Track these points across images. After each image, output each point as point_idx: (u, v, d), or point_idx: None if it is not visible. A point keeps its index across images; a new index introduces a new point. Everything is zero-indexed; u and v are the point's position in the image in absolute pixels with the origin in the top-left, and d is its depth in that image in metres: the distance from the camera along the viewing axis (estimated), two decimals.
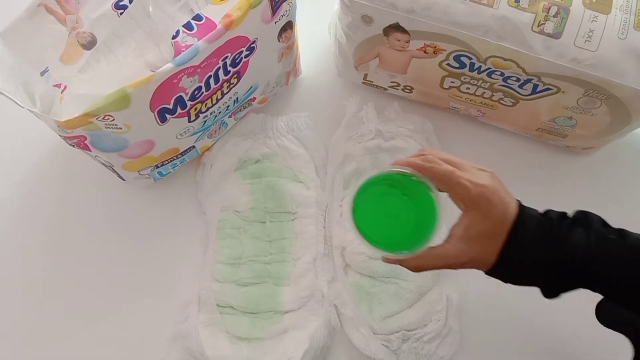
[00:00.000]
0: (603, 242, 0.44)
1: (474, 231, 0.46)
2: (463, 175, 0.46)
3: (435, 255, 0.47)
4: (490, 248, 0.45)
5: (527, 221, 0.45)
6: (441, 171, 0.47)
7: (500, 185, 0.47)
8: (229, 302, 0.68)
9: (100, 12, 0.59)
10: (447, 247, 0.47)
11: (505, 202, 0.45)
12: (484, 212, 0.45)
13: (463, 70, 0.67)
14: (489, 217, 0.45)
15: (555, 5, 0.60)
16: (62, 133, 0.56)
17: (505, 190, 0.47)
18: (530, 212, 0.46)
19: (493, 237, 0.45)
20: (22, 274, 0.71)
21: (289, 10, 0.64)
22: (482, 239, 0.46)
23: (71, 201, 0.75)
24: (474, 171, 0.47)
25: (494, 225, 0.45)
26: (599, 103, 0.64)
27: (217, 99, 0.65)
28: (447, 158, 0.49)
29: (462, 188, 0.46)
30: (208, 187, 0.73)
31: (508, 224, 0.45)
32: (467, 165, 0.48)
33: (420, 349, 0.66)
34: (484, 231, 0.45)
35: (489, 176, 0.47)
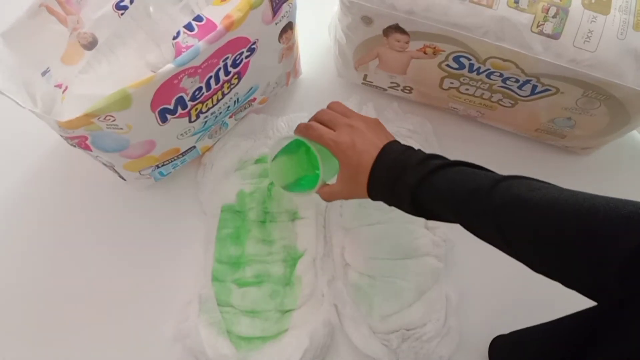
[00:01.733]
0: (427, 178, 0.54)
1: (342, 176, 0.60)
2: (329, 137, 0.60)
3: (330, 190, 0.62)
4: (358, 187, 0.58)
5: (380, 164, 0.57)
6: (315, 135, 0.61)
7: (361, 137, 0.59)
8: (229, 301, 0.68)
9: (101, 12, 0.59)
10: (333, 187, 0.62)
11: (359, 152, 0.58)
12: (343, 162, 0.59)
13: (462, 71, 0.67)
14: (348, 165, 0.59)
15: (555, 6, 0.60)
16: (63, 133, 0.56)
17: (365, 140, 0.58)
18: (387, 155, 0.57)
19: (356, 179, 0.58)
20: (21, 274, 0.71)
21: (289, 11, 0.65)
22: (349, 181, 0.59)
23: (72, 201, 0.75)
24: (343, 129, 0.60)
25: (353, 170, 0.58)
26: (598, 104, 0.64)
27: (218, 99, 0.65)
28: (327, 119, 0.62)
29: (329, 146, 0.60)
30: (208, 187, 0.73)
31: (365, 168, 0.57)
32: (340, 123, 0.61)
33: (419, 348, 0.66)
34: (347, 176, 0.59)
35: (349, 132, 0.59)
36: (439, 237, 0.71)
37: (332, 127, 0.61)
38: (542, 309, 0.71)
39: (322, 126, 0.61)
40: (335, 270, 0.70)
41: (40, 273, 0.71)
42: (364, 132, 0.59)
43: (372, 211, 0.72)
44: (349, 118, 0.62)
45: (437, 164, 0.54)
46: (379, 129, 0.61)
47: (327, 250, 0.71)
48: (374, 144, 0.58)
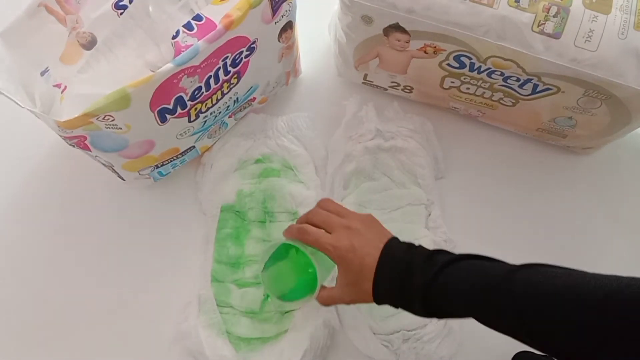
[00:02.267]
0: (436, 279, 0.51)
1: (344, 281, 0.56)
2: (327, 241, 0.56)
3: (330, 295, 0.58)
4: (362, 291, 0.54)
5: (384, 267, 0.53)
6: (310, 240, 0.57)
7: (360, 239, 0.55)
8: (228, 302, 0.68)
9: (101, 12, 0.59)
10: (333, 291, 0.58)
11: (360, 256, 0.54)
12: (344, 268, 0.55)
13: (463, 70, 0.67)
14: (349, 271, 0.55)
15: (555, 5, 0.60)
16: (62, 133, 0.56)
17: (365, 242, 0.55)
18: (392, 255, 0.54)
19: (359, 284, 0.54)
20: (21, 274, 0.71)
21: (289, 10, 0.64)
22: (351, 286, 0.55)
23: (71, 201, 0.75)
24: (339, 231, 0.56)
25: (355, 275, 0.54)
26: (599, 103, 0.64)
27: (217, 99, 0.65)
28: (320, 220, 0.58)
29: (327, 252, 0.56)
30: (208, 187, 0.73)
31: (369, 273, 0.53)
32: (335, 225, 0.57)
33: (420, 349, 0.66)
34: (350, 281, 0.55)
35: (348, 235, 0.56)
36: (440, 238, 0.71)
37: (326, 229, 0.58)
38: None
39: (316, 229, 0.57)
40: (336, 271, 0.70)
41: (39, 273, 0.71)
42: (362, 232, 0.56)
43: (372, 211, 0.72)
44: (344, 218, 0.58)
45: (444, 261, 0.51)
46: (374, 225, 0.58)
47: None
48: (374, 245, 0.55)
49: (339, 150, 0.75)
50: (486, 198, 0.76)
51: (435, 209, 0.73)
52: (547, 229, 0.75)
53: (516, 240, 0.75)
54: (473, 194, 0.76)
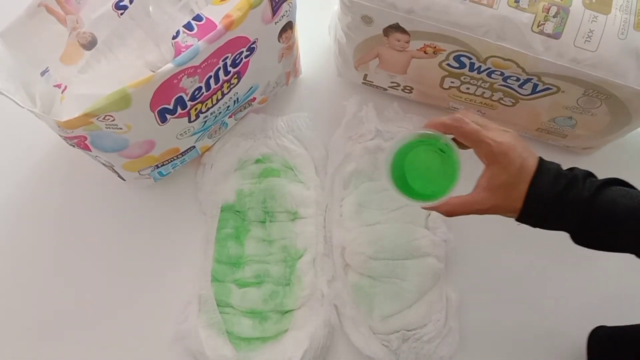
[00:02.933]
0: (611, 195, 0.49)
1: (496, 182, 0.52)
2: (487, 134, 0.52)
3: (463, 201, 0.54)
4: (513, 196, 0.51)
5: (545, 172, 0.51)
6: (467, 130, 0.52)
7: (520, 143, 0.52)
8: (228, 302, 0.68)
9: (101, 12, 0.59)
10: (473, 195, 0.53)
11: (523, 157, 0.51)
12: (503, 165, 0.51)
13: (463, 70, 0.67)
14: (508, 169, 0.51)
15: (555, 6, 0.60)
16: (63, 133, 0.56)
17: (525, 147, 0.52)
18: (549, 165, 0.52)
19: (513, 186, 0.51)
20: (21, 274, 0.71)
21: (289, 10, 0.64)
22: (503, 188, 0.52)
23: (71, 201, 0.75)
24: (497, 131, 0.53)
25: (512, 176, 0.51)
26: (599, 103, 0.64)
27: (218, 99, 0.65)
28: (474, 118, 0.54)
29: (485, 145, 0.52)
30: (208, 187, 0.73)
31: (527, 175, 0.51)
32: (491, 126, 0.54)
33: (420, 348, 0.66)
34: (504, 181, 0.51)
35: (510, 135, 0.53)
36: (440, 238, 0.71)
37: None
38: (543, 309, 0.71)
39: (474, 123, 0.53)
40: (335, 271, 0.70)
41: (39, 273, 0.71)
42: (519, 139, 0.53)
43: (372, 211, 0.72)
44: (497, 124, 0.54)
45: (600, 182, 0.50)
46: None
47: (327, 250, 0.71)
48: (531, 152, 0.52)
49: (339, 150, 0.75)
50: None
51: None
52: None
53: (516, 240, 0.74)
54: None
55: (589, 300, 0.71)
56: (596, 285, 0.72)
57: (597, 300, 0.70)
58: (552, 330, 0.70)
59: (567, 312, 0.70)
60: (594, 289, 0.72)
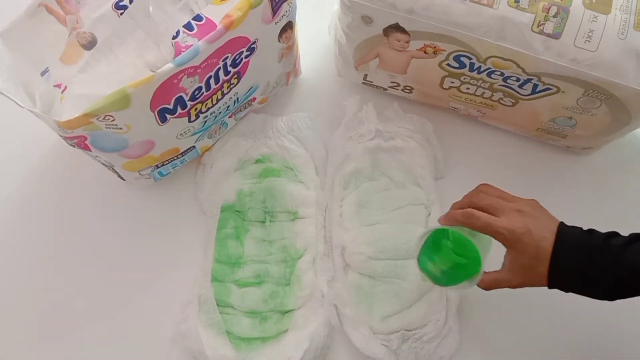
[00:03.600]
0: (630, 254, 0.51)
1: (516, 265, 0.55)
2: (499, 224, 0.54)
3: (494, 278, 0.57)
4: (536, 276, 0.54)
5: (562, 250, 0.53)
6: (479, 225, 0.55)
7: (535, 223, 0.54)
8: (229, 302, 0.68)
9: (101, 12, 0.59)
10: (500, 274, 0.57)
11: (537, 239, 0.53)
12: (519, 251, 0.54)
13: (463, 71, 0.67)
14: (524, 254, 0.54)
15: (555, 6, 0.60)
16: (63, 133, 0.56)
17: (540, 226, 0.54)
18: (567, 239, 0.53)
19: (533, 268, 0.54)
20: (21, 274, 0.71)
21: (289, 10, 0.64)
22: (523, 270, 0.55)
23: (71, 201, 0.75)
24: (511, 214, 0.55)
25: (531, 259, 0.54)
26: (599, 103, 0.64)
27: (218, 99, 0.65)
28: (487, 204, 0.56)
29: (499, 235, 0.54)
30: (208, 187, 0.73)
31: (544, 257, 0.53)
32: (506, 207, 0.56)
33: (420, 348, 0.66)
34: (523, 265, 0.54)
35: (523, 218, 0.54)
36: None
37: (494, 214, 0.56)
38: (543, 310, 0.71)
39: (485, 214, 0.55)
40: (335, 271, 0.70)
41: (39, 273, 0.71)
42: (534, 216, 0.55)
43: (372, 211, 0.72)
44: (513, 202, 0.56)
45: (622, 241, 0.52)
46: (543, 210, 0.57)
47: (327, 250, 0.71)
48: (549, 228, 0.54)
49: (339, 151, 0.75)
50: None
51: (435, 209, 0.73)
52: None
53: None
54: None
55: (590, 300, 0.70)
56: None
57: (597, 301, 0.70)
58: (552, 330, 0.70)
59: (568, 312, 0.70)
60: None
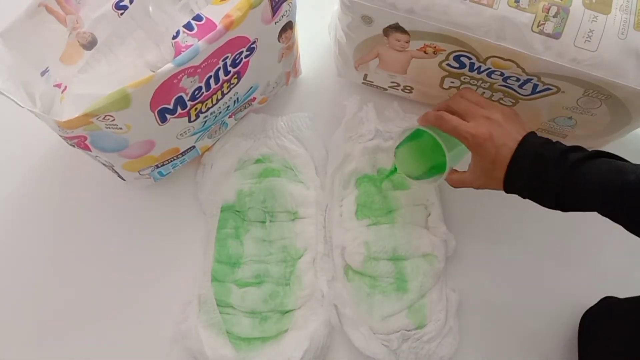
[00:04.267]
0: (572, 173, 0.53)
1: (477, 168, 0.59)
2: (464, 128, 0.58)
3: (459, 178, 0.62)
4: (494, 179, 0.58)
5: (521, 157, 0.55)
6: (447, 128, 0.59)
7: (499, 129, 0.57)
8: (229, 302, 0.68)
9: (101, 12, 0.59)
10: (465, 174, 0.61)
11: (497, 145, 0.56)
12: (480, 155, 0.58)
13: (463, 71, 0.67)
14: (484, 158, 0.57)
15: (555, 6, 0.60)
16: (63, 133, 0.56)
17: (503, 133, 0.57)
18: (528, 148, 0.56)
19: (492, 172, 0.57)
20: (21, 274, 0.71)
21: (289, 10, 0.64)
22: (483, 173, 0.59)
23: (71, 201, 0.75)
24: (479, 119, 0.58)
25: (489, 163, 0.57)
26: (599, 103, 0.64)
27: (218, 99, 0.65)
28: (461, 108, 0.60)
29: (464, 139, 0.58)
30: (208, 187, 0.73)
31: (502, 162, 0.56)
32: (475, 114, 0.59)
33: (420, 348, 0.66)
34: (483, 168, 0.58)
35: (488, 124, 0.58)
36: (440, 238, 0.71)
37: (465, 118, 0.59)
38: (543, 309, 0.71)
39: (455, 117, 0.59)
40: (335, 271, 0.70)
41: (39, 273, 0.71)
42: (501, 124, 0.58)
43: (372, 211, 0.72)
44: (485, 109, 0.60)
45: (579, 157, 0.53)
46: (516, 119, 0.60)
47: (327, 250, 0.71)
48: (512, 136, 0.57)
49: (338, 151, 0.75)
50: (486, 198, 0.76)
51: (435, 209, 0.73)
52: (546, 228, 0.75)
53: (516, 240, 0.75)
54: (473, 194, 0.76)
55: (590, 300, 0.70)
56: (597, 286, 0.72)
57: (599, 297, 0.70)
58: (553, 330, 0.70)
59: (568, 313, 0.70)
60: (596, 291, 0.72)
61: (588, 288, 0.72)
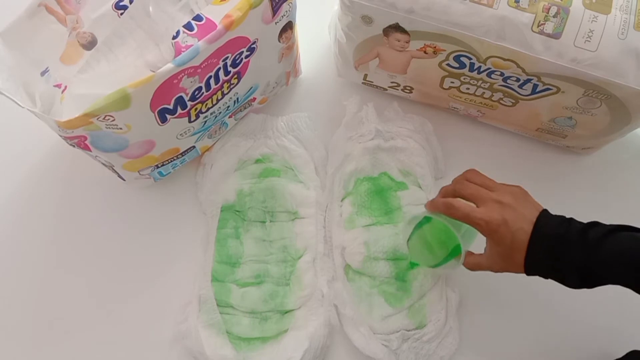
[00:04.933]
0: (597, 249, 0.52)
1: (494, 253, 0.57)
2: (477, 215, 0.56)
3: (477, 262, 0.60)
4: (514, 264, 0.56)
5: (539, 240, 0.54)
6: (459, 215, 0.57)
7: (512, 213, 0.55)
8: (229, 302, 0.68)
9: (101, 12, 0.59)
10: (482, 258, 0.59)
11: (513, 230, 0.55)
12: (496, 241, 0.56)
13: (463, 71, 0.67)
14: (501, 244, 0.56)
15: (555, 6, 0.60)
16: (63, 133, 0.56)
17: (517, 217, 0.55)
18: (545, 230, 0.55)
19: (510, 257, 0.56)
20: (21, 274, 0.71)
21: (289, 10, 0.64)
22: (501, 258, 0.57)
23: (71, 201, 0.75)
24: (489, 204, 0.57)
25: (507, 249, 0.55)
26: (599, 103, 0.64)
27: (218, 99, 0.65)
28: (469, 193, 0.59)
29: (477, 226, 0.57)
30: (208, 187, 0.73)
31: (520, 247, 0.55)
32: (485, 199, 0.57)
33: (420, 348, 0.66)
34: (501, 253, 0.56)
35: (499, 209, 0.56)
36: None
37: (475, 203, 0.58)
38: (543, 309, 0.71)
39: (465, 203, 0.58)
40: (335, 271, 0.70)
41: (39, 273, 0.71)
42: (513, 207, 0.56)
43: (372, 211, 0.72)
44: (494, 191, 0.58)
45: (600, 233, 0.53)
46: (526, 199, 0.58)
47: (327, 250, 0.71)
48: (527, 219, 0.55)
49: (339, 151, 0.75)
50: None
51: None
52: None
53: None
54: None
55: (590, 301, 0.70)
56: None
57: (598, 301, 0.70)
58: (553, 331, 0.70)
59: (568, 313, 0.70)
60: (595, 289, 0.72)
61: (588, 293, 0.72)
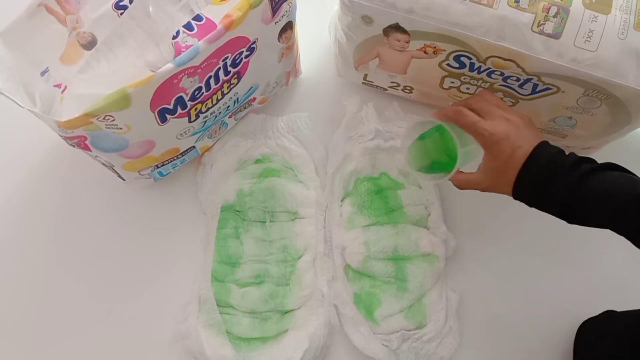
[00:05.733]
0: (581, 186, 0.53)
1: (488, 167, 0.58)
2: (483, 125, 0.57)
3: (466, 178, 0.61)
4: (504, 181, 0.57)
5: (535, 160, 0.55)
6: (465, 122, 0.59)
7: (517, 132, 0.56)
8: (228, 302, 0.68)
9: (101, 12, 0.59)
10: (473, 175, 0.60)
11: (514, 146, 0.55)
12: (494, 154, 0.57)
13: (463, 70, 0.67)
14: (498, 158, 0.56)
15: (555, 6, 0.60)
16: (63, 133, 0.56)
17: (521, 136, 0.56)
18: (544, 152, 0.55)
19: (503, 172, 0.56)
20: (21, 274, 0.71)
21: (289, 10, 0.64)
22: (494, 173, 0.57)
23: (71, 201, 0.75)
24: (498, 119, 0.58)
25: (502, 164, 0.56)
26: (599, 103, 0.64)
27: (218, 99, 0.65)
28: (480, 107, 0.59)
29: (480, 136, 0.58)
30: (208, 187, 0.73)
31: (516, 163, 0.55)
32: (495, 112, 0.58)
33: (420, 348, 0.66)
34: (495, 168, 0.57)
35: (507, 125, 0.57)
36: (439, 238, 0.71)
37: (484, 117, 0.58)
38: (543, 309, 0.71)
39: (474, 114, 0.59)
40: (335, 271, 0.70)
41: (40, 273, 0.71)
42: (519, 126, 0.57)
43: (372, 211, 0.72)
44: (504, 111, 0.59)
45: (590, 167, 0.53)
46: (533, 127, 0.59)
47: (327, 250, 0.71)
48: (529, 140, 0.56)
49: (338, 151, 0.75)
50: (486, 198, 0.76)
51: (435, 209, 0.73)
52: (546, 228, 0.75)
53: (516, 240, 0.75)
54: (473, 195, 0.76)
55: (590, 301, 0.71)
56: (597, 286, 0.73)
57: (597, 301, 0.70)
58: (553, 331, 0.70)
59: (568, 313, 0.70)
60: (595, 290, 0.72)
61: (588, 292, 0.72)
